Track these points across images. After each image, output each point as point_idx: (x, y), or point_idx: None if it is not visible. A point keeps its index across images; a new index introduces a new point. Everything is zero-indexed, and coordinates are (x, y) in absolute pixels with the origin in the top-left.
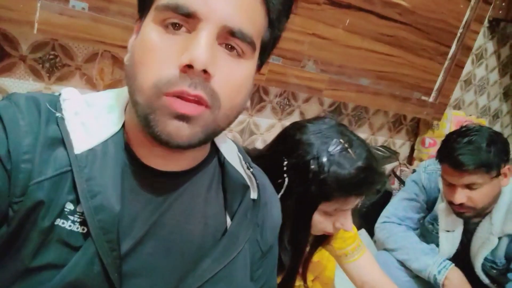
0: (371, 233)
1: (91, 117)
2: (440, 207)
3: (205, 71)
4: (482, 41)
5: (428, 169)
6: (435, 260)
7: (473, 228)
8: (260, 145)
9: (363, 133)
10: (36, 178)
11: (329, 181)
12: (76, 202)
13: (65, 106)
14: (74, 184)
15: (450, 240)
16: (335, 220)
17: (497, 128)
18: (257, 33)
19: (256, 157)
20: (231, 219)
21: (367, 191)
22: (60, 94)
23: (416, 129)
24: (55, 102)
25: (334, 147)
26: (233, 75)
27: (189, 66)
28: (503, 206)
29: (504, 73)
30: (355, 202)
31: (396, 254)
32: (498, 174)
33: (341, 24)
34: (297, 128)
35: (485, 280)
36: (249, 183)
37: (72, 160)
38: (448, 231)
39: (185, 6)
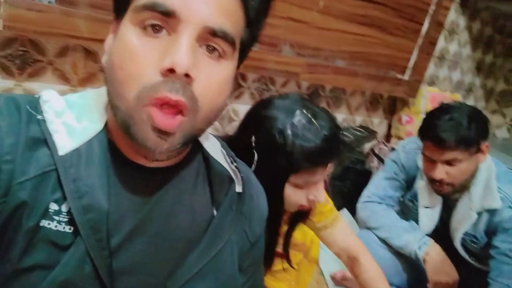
0: (352, 212)
1: (73, 117)
2: (420, 184)
3: (187, 75)
4: (454, 16)
5: (406, 148)
6: (415, 237)
7: (452, 205)
8: None
9: (341, 114)
10: (18, 178)
11: (295, 153)
12: (62, 201)
13: (46, 108)
14: (58, 184)
15: (429, 216)
16: (307, 193)
17: (470, 102)
18: (237, 32)
19: (227, 141)
20: (217, 211)
21: (333, 160)
22: (39, 96)
23: (393, 107)
24: (35, 104)
25: (298, 119)
26: (214, 77)
27: (171, 71)
28: (480, 182)
29: (476, 47)
30: (324, 173)
31: (378, 232)
32: (477, 151)
33: (315, 7)
34: (263, 105)
35: (464, 254)
36: (234, 177)
37: (57, 161)
38: (427, 207)
39: (163, 4)
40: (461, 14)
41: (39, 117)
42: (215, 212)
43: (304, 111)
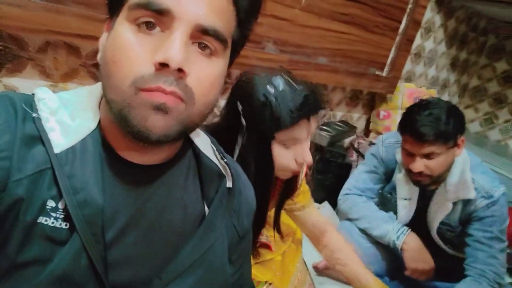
0: (333, 205)
1: (67, 115)
2: (398, 177)
3: (180, 70)
4: (430, 14)
5: (385, 142)
6: (394, 227)
7: (428, 196)
8: None
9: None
10: (15, 175)
11: (278, 109)
12: (58, 198)
13: (41, 106)
14: (54, 181)
15: (407, 207)
16: (295, 154)
17: (445, 97)
18: (228, 31)
19: (215, 125)
20: (208, 207)
21: (314, 113)
22: (33, 94)
23: (371, 102)
24: (30, 102)
25: (279, 82)
26: (205, 73)
27: (164, 65)
28: (456, 174)
29: (451, 44)
30: (307, 129)
31: (358, 223)
32: (454, 145)
33: (298, 5)
34: (245, 76)
35: (440, 243)
36: (224, 173)
37: (52, 159)
38: (405, 199)
39: (157, 3)
40: (437, 13)
41: (34, 115)
42: (205, 206)
43: (284, 76)
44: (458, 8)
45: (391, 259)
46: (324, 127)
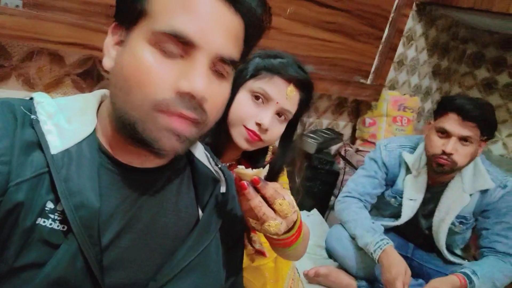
0: (322, 212)
1: (64, 119)
2: (407, 178)
3: (202, 98)
4: (412, 24)
5: (388, 147)
6: (373, 240)
7: (437, 193)
8: None
9: (309, 117)
10: (14, 180)
11: (259, 57)
12: (56, 201)
13: (39, 109)
14: (52, 184)
15: (411, 207)
16: (257, 113)
17: (428, 104)
18: (239, 56)
19: None
20: (202, 211)
21: (290, 75)
22: (32, 98)
23: (357, 110)
24: (29, 106)
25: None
26: (220, 96)
27: (189, 94)
28: (469, 167)
29: (432, 53)
30: (282, 91)
31: (346, 227)
32: (483, 140)
33: (283, 13)
34: None
35: (443, 242)
36: (218, 178)
37: (49, 161)
38: (411, 199)
39: (183, 34)
40: (418, 22)
41: (33, 117)
42: (199, 211)
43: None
44: (438, 17)
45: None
46: (311, 135)
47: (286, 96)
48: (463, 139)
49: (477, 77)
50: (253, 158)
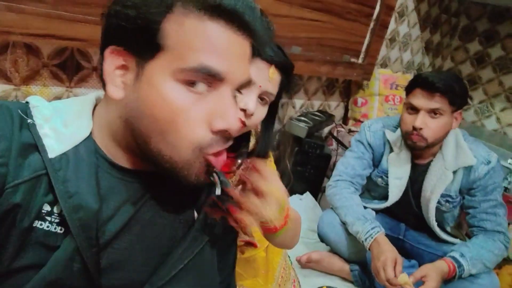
0: (314, 195)
1: (60, 123)
2: (391, 156)
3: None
4: None
5: (372, 128)
6: (364, 229)
7: (422, 171)
8: None
9: (299, 99)
10: (11, 181)
11: None
12: (53, 203)
13: (35, 113)
14: (49, 187)
15: (398, 186)
16: (240, 98)
17: None
18: None
19: None
20: (198, 213)
21: (272, 58)
22: (27, 102)
23: (348, 90)
24: (25, 109)
25: None
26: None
27: (226, 131)
28: (451, 143)
29: (424, 27)
30: (262, 74)
31: (338, 214)
32: (456, 110)
33: None
34: None
35: (433, 221)
36: (213, 180)
37: (47, 164)
38: (397, 178)
39: (214, 68)
40: None
41: (29, 121)
42: (195, 213)
43: None
44: None
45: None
46: (302, 118)
47: (268, 78)
48: (432, 112)
49: (470, 51)
50: (235, 146)
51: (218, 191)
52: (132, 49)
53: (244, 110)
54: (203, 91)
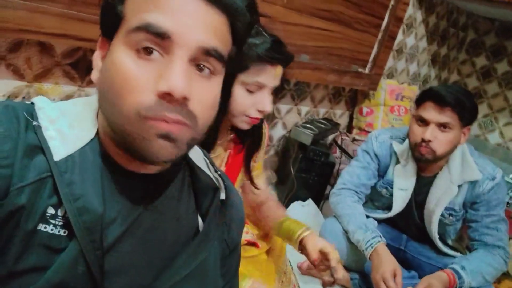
0: (316, 202)
1: (66, 125)
2: (397, 167)
3: (184, 97)
4: (412, 11)
5: (379, 138)
6: (365, 238)
7: (427, 183)
8: None
9: (305, 106)
10: (16, 183)
11: (246, 50)
12: (58, 206)
13: (41, 115)
14: (54, 189)
15: (402, 197)
16: (256, 101)
17: None
18: (226, 50)
19: None
20: (202, 218)
21: (280, 61)
22: (33, 103)
23: (354, 99)
24: (31, 111)
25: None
26: (206, 95)
27: (168, 94)
28: (457, 157)
29: (431, 40)
30: (272, 76)
31: (341, 222)
32: (465, 125)
33: (279, 1)
34: None
35: (436, 233)
36: (217, 185)
37: (52, 166)
38: (401, 189)
39: (157, 26)
40: (418, 9)
41: (35, 123)
42: (199, 218)
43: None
44: (438, 4)
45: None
46: (308, 125)
47: (275, 76)
48: (442, 126)
49: (476, 65)
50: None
51: (222, 196)
52: (107, 32)
53: (261, 111)
54: (157, 58)
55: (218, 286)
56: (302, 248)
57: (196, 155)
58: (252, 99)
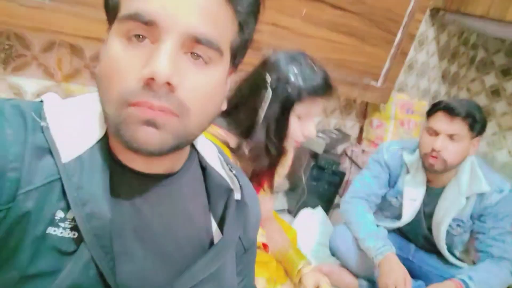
0: (325, 210)
1: (74, 124)
2: (407, 178)
3: (168, 83)
4: (424, 28)
5: (390, 149)
6: (375, 246)
7: (435, 195)
8: None
9: (317, 117)
10: (24, 187)
11: (302, 84)
12: (66, 209)
13: (49, 114)
14: (63, 192)
15: (412, 207)
16: (303, 128)
17: None
18: (224, 38)
19: (237, 88)
20: (216, 220)
21: (328, 94)
22: (41, 101)
23: (365, 111)
24: (39, 110)
25: (303, 61)
26: (200, 83)
27: (152, 79)
28: (467, 169)
29: (442, 57)
30: (320, 108)
31: (351, 229)
32: (474, 137)
33: (299, 14)
34: (275, 53)
35: (443, 244)
36: (232, 185)
37: (60, 169)
38: (411, 199)
39: (145, 14)
40: (431, 26)
41: (42, 123)
42: (212, 220)
43: (304, 57)
44: (450, 23)
45: None
46: (320, 134)
47: (321, 110)
48: (452, 136)
49: (486, 83)
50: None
51: (237, 196)
52: (110, 24)
53: (307, 136)
54: (147, 45)
55: (234, 285)
56: (299, 280)
57: (209, 153)
58: (300, 126)
